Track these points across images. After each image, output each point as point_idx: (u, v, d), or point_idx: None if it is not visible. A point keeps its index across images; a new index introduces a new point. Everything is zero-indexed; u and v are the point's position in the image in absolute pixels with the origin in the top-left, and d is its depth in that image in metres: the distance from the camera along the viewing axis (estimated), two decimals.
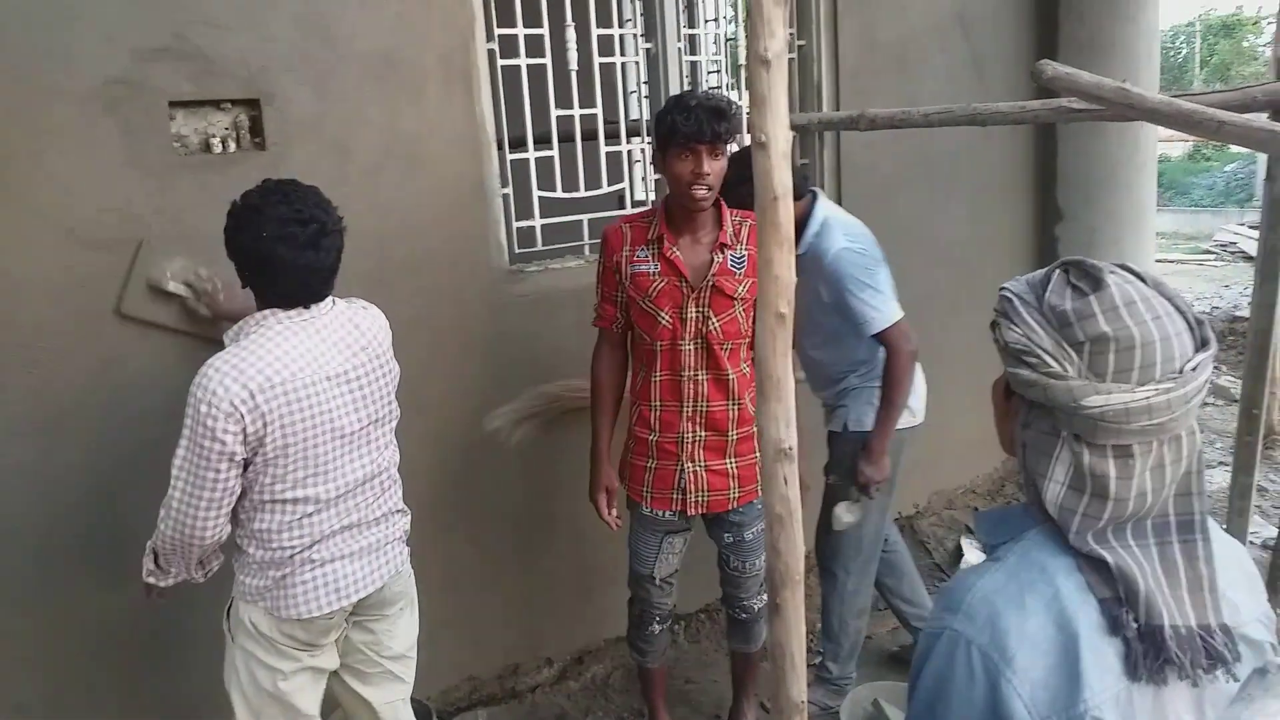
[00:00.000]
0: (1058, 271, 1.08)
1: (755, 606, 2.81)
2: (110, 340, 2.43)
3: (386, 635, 2.27)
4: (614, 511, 2.73)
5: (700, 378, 2.59)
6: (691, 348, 2.56)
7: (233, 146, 2.59)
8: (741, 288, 2.54)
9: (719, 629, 3.64)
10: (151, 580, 2.10)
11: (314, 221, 1.98)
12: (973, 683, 1.01)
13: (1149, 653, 1.00)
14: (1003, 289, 1.12)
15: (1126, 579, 1.02)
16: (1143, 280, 1.06)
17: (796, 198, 2.85)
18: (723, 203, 2.57)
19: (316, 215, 1.99)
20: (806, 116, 3.61)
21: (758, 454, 2.66)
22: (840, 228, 2.86)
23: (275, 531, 2.03)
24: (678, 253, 2.53)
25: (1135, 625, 1.01)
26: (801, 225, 2.86)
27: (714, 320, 2.54)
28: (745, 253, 2.55)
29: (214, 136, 2.57)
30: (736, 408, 2.63)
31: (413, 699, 2.71)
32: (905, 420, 2.96)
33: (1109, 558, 1.02)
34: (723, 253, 2.52)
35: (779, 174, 1.71)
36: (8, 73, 2.25)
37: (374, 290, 2.79)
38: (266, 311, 2.02)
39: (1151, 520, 1.05)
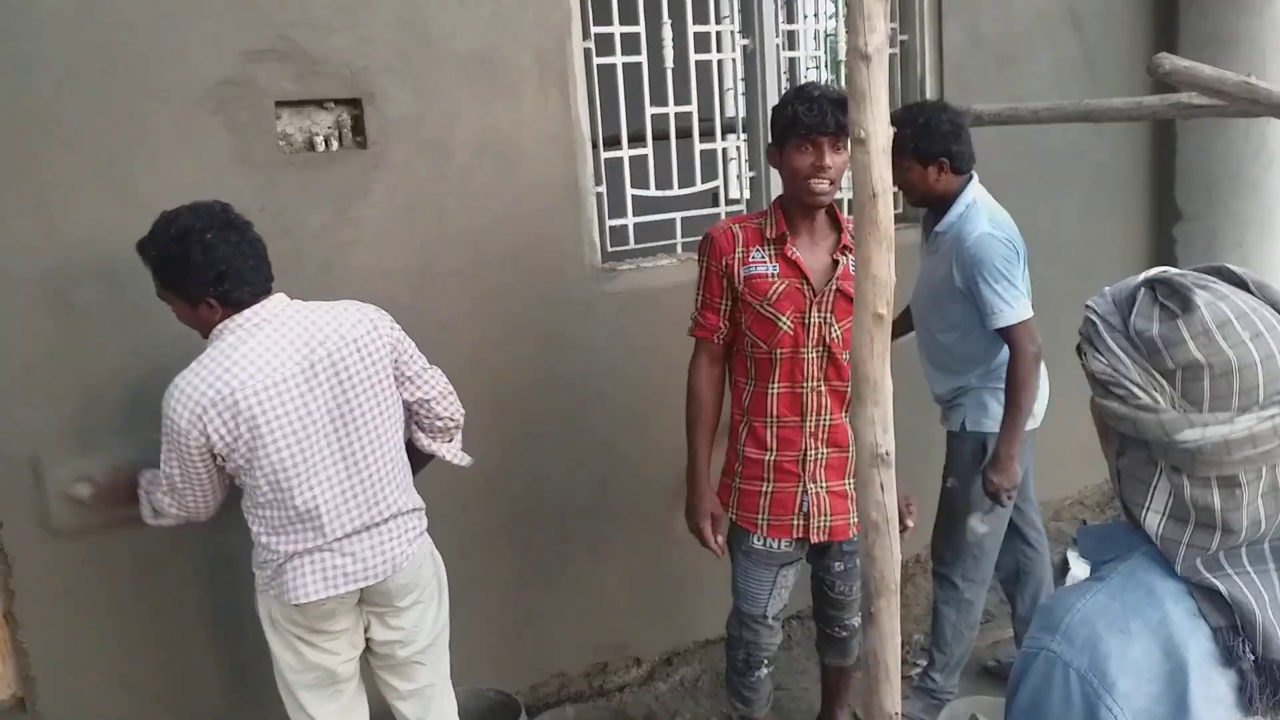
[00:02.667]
0: (1143, 290, 0.99)
1: (856, 624, 2.69)
2: None
3: (411, 630, 2.27)
4: (720, 538, 2.55)
5: (821, 389, 2.43)
6: (814, 355, 2.41)
7: (335, 145, 2.64)
8: None
9: (812, 635, 3.56)
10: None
11: (214, 213, 2.08)
12: (1070, 708, 0.95)
13: (1266, 686, 0.93)
14: (1088, 306, 1.03)
15: (1242, 609, 0.94)
16: (1244, 285, 0.97)
17: (957, 172, 2.78)
18: (836, 206, 2.48)
19: (212, 207, 2.09)
20: None
21: None
22: (986, 213, 2.76)
23: (268, 534, 2.09)
24: (799, 253, 2.40)
25: (1252, 657, 0.93)
26: (949, 202, 2.79)
27: (836, 327, 2.40)
28: None
29: (317, 135, 2.63)
30: None
31: (503, 693, 2.74)
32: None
33: (1222, 587, 0.94)
34: (845, 255, 2.39)
35: (879, 170, 1.67)
36: (122, 75, 2.34)
37: (467, 286, 2.83)
38: (220, 325, 2.06)
39: (1270, 544, 0.97)
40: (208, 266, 2.00)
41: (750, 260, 2.41)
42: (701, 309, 2.49)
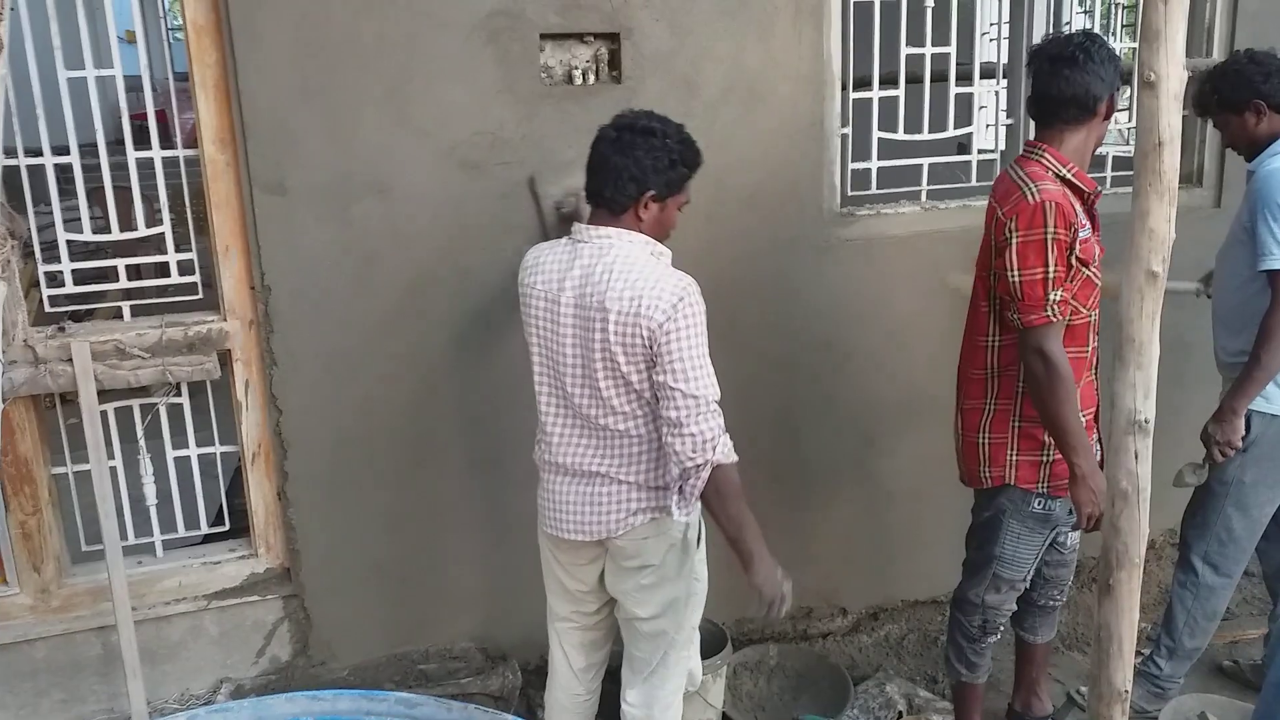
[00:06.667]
0: None
1: (1064, 598, 2.70)
2: (478, 250, 2.68)
3: (633, 595, 2.20)
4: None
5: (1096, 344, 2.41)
6: (1098, 313, 2.38)
7: (592, 79, 2.73)
8: None
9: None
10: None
11: (644, 121, 2.09)
12: None
13: None
14: None
15: None
16: None
17: None
18: None
19: (646, 121, 2.09)
20: (1192, 63, 3.20)
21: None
22: None
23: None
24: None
25: None
26: (1271, 140, 2.63)
27: None
28: None
29: (576, 68, 2.72)
30: None
31: (712, 622, 2.81)
32: None
33: None
34: None
35: (1168, 117, 1.56)
36: (410, 5, 2.51)
37: (705, 224, 2.86)
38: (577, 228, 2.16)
39: None
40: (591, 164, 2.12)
41: (1082, 223, 2.29)
42: (1054, 285, 2.23)
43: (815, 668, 2.99)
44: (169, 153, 2.57)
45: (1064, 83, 2.27)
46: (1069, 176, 2.30)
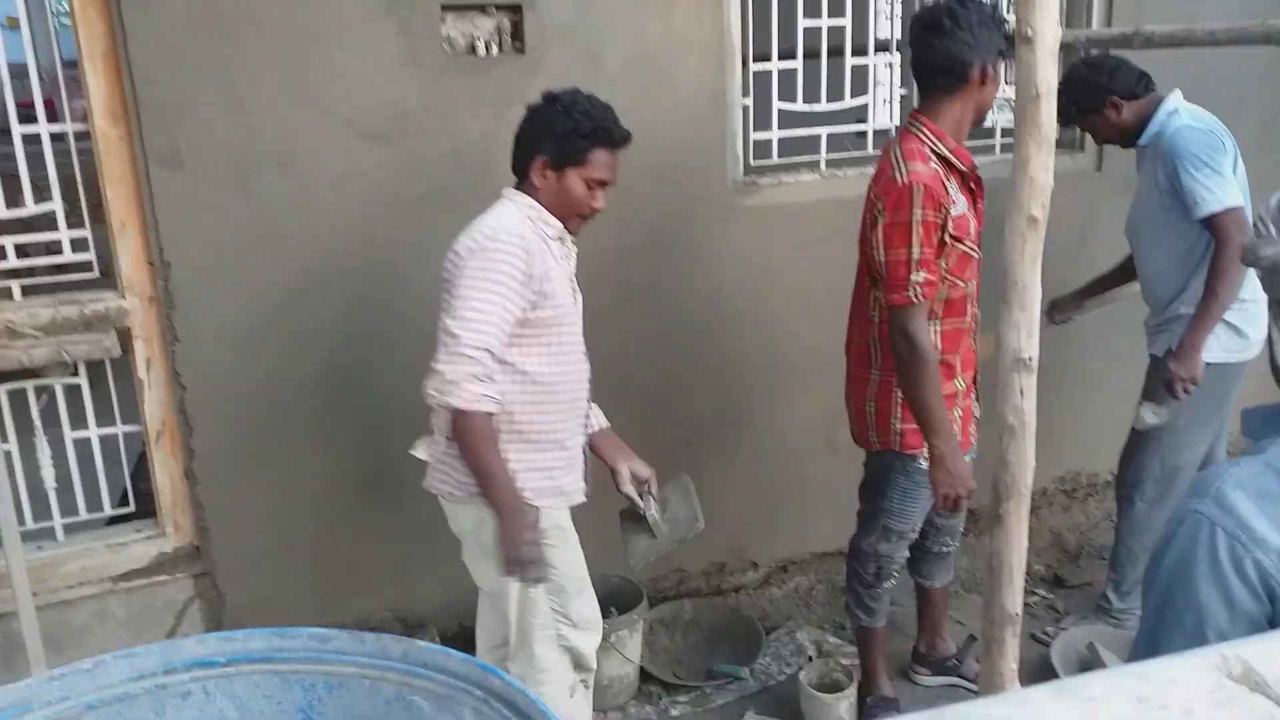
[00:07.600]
0: None
1: (957, 543, 2.84)
2: (383, 222, 2.67)
3: (469, 567, 2.28)
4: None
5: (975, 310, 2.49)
6: (977, 279, 2.45)
7: (495, 50, 2.74)
8: None
9: None
10: None
11: (552, 93, 2.14)
12: (1216, 566, 0.98)
13: None
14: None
15: None
16: None
17: (1134, 97, 2.80)
18: None
19: (555, 92, 2.14)
20: (1073, 34, 3.33)
21: None
22: (1188, 114, 2.76)
23: None
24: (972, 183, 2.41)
25: None
26: (1145, 121, 2.79)
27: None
28: None
29: (479, 39, 2.72)
30: None
31: (628, 580, 2.86)
32: (1237, 351, 2.80)
33: None
34: None
35: (1044, 71, 1.65)
36: None
37: (611, 193, 2.89)
38: None
39: None
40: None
41: (953, 201, 2.29)
42: (922, 266, 2.24)
43: (729, 620, 3.09)
44: (56, 127, 2.50)
45: (933, 52, 2.27)
46: (946, 154, 2.31)
